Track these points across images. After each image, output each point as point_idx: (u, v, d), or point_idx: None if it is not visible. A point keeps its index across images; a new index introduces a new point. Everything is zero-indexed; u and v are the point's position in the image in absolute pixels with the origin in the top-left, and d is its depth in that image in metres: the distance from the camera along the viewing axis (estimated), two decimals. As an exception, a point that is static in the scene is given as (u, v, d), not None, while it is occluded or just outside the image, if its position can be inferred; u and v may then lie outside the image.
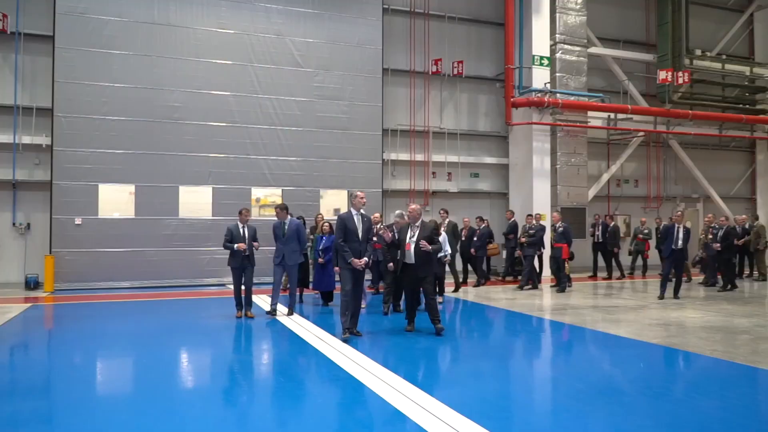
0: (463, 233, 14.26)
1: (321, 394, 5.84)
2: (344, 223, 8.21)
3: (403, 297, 11.39)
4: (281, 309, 10.26)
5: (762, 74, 21.11)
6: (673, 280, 12.54)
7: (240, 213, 9.93)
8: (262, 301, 11.49)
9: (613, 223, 16.69)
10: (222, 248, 10.02)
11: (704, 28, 21.40)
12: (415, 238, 8.51)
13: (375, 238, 9.71)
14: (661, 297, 12.24)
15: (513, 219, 15.74)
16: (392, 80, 17.26)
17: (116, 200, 14.27)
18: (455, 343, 8.22)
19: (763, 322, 9.56)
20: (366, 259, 8.21)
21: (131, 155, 14.32)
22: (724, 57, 20.96)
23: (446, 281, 11.98)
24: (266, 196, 15.54)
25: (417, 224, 8.66)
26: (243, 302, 9.96)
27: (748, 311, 10.70)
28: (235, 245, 9.62)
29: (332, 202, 16.11)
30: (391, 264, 10.05)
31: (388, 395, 5.56)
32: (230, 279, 10.50)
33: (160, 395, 5.74)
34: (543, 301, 12.34)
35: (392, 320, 9.82)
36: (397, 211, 10.57)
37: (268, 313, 10.01)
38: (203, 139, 14.91)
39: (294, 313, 10.19)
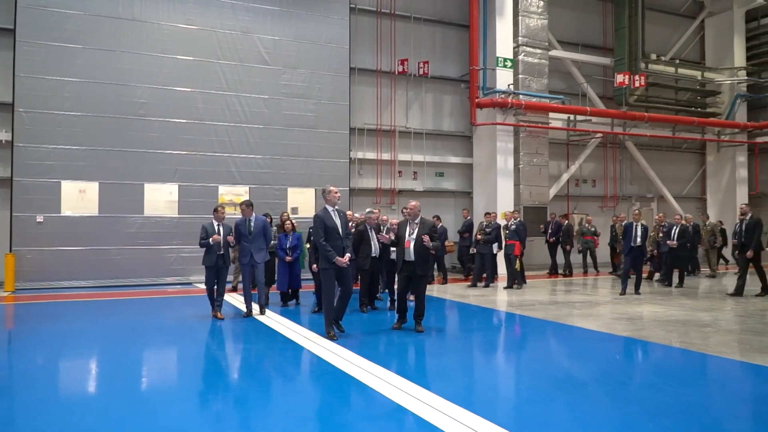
0: None
1: (314, 388, 5.91)
2: (323, 221, 7.91)
3: (380, 293, 11.61)
4: (254, 308, 10.20)
5: (712, 79, 22.02)
6: (633, 276, 13.01)
7: (215, 211, 9.73)
8: (235, 300, 11.43)
9: (566, 222, 17.14)
10: (189, 247, 9.89)
11: (659, 33, 22.19)
12: (414, 236, 8.44)
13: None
14: (623, 293, 12.67)
15: (469, 218, 16.18)
16: (359, 79, 17.35)
17: (79, 197, 13.93)
18: (433, 338, 8.33)
19: (722, 315, 10.04)
20: (349, 255, 8.05)
21: (95, 152, 14.02)
22: (677, 61, 21.81)
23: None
24: (222, 195, 15.30)
25: (416, 221, 8.60)
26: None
27: (707, 306, 11.20)
28: (210, 238, 9.50)
29: (296, 201, 16.04)
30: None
31: (378, 386, 5.67)
32: (197, 278, 10.35)
33: (153, 394, 5.74)
34: (508, 297, 12.60)
35: (371, 317, 9.92)
36: (367, 209, 10.72)
37: (245, 315, 9.90)
38: (169, 135, 14.70)
39: (266, 311, 10.18)
